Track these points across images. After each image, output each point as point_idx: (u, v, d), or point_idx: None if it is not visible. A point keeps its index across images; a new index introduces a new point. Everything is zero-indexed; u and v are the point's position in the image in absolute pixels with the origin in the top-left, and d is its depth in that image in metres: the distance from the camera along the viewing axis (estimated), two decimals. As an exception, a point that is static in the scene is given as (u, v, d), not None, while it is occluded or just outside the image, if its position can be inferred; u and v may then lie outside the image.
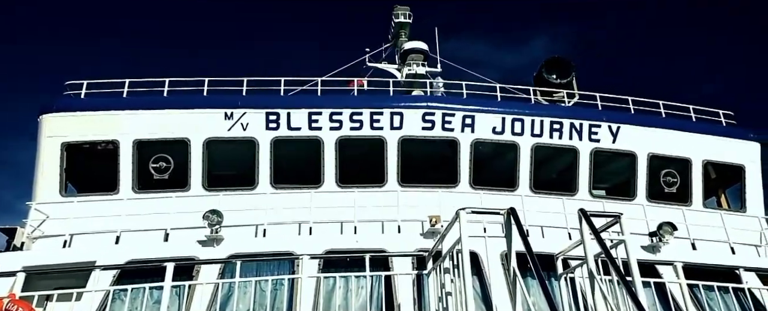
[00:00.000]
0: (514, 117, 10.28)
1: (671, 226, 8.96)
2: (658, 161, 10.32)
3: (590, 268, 4.77)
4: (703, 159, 10.43)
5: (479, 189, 9.86)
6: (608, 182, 10.81)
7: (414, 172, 9.86)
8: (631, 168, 10.34)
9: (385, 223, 9.18)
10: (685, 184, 10.39)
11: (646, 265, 8.46)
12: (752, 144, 10.68)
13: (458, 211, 4.97)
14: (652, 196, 10.24)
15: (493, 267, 7.42)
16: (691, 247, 9.52)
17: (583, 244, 4.97)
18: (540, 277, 4.23)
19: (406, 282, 7.21)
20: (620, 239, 4.96)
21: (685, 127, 10.69)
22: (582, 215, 5.01)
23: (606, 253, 4.58)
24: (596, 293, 4.62)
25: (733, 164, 10.65)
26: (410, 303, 6.70)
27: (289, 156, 9.80)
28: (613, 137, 10.35)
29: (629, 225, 9.39)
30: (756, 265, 8.60)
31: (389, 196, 9.37)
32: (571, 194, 10.18)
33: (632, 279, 4.72)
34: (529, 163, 10.18)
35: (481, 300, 7.98)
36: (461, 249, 4.75)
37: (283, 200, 9.13)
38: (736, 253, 9.54)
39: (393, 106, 10.06)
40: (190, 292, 7.12)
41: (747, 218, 10.31)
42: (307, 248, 7.72)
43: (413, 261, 7.85)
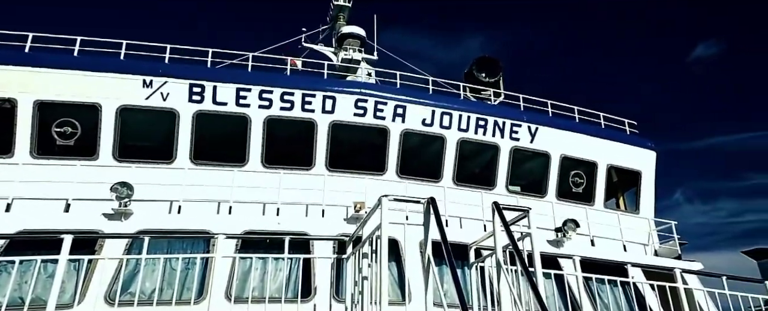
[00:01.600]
0: (443, 111, 10.57)
1: (575, 223, 9.74)
2: (568, 163, 11.10)
3: (498, 258, 5.04)
4: (607, 163, 11.37)
5: (405, 178, 10.06)
6: (524, 179, 11.47)
7: (343, 157, 9.83)
8: (544, 167, 11.04)
9: (309, 207, 9.10)
10: (590, 185, 11.27)
11: (550, 258, 9.14)
12: (650, 153, 11.82)
13: (381, 197, 5.02)
14: (560, 194, 11.02)
15: (411, 254, 7.63)
16: (590, 243, 10.39)
17: (494, 235, 5.23)
18: (451, 265, 4.40)
19: (325, 266, 7.21)
20: (527, 232, 5.28)
21: (595, 132, 11.59)
22: (495, 208, 5.26)
23: (513, 245, 4.86)
24: (502, 281, 4.89)
25: (633, 169, 11.72)
26: (327, 287, 6.71)
27: (212, 132, 9.36)
28: (532, 137, 10.98)
29: (538, 220, 10.21)
30: (642, 262, 9.58)
31: (316, 180, 9.28)
32: (490, 188, 10.69)
33: (534, 270, 5.04)
34: (454, 156, 10.54)
35: (397, 285, 8.19)
36: (380, 234, 4.81)
37: (203, 176, 8.72)
38: (627, 250, 10.57)
39: (326, 89, 9.93)
40: (91, 268, 6.62)
41: (639, 220, 11.42)
42: (224, 227, 7.45)
43: (334, 245, 7.86)
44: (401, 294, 7.95)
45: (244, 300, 5.58)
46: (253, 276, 6.63)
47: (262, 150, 9.35)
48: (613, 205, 12.49)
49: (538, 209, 10.49)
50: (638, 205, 11.73)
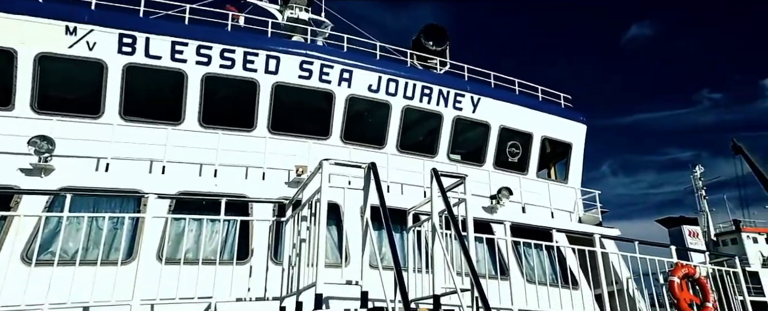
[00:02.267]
0: (390, 77, 10.55)
1: (508, 191, 10.24)
2: (506, 133, 11.54)
3: (433, 222, 5.22)
4: (542, 135, 11.92)
5: (349, 144, 10.06)
6: (464, 148, 11.81)
7: (286, 120, 9.63)
8: (484, 137, 11.41)
9: (249, 169, 8.91)
10: (525, 155, 11.81)
11: (483, 223, 9.60)
12: (581, 126, 12.51)
13: (322, 161, 5.00)
14: (498, 164, 11.48)
15: (352, 218, 7.74)
16: (521, 210, 11.00)
17: (431, 201, 5.40)
18: (388, 228, 4.51)
19: (263, 228, 7.16)
20: (462, 198, 5.49)
21: (533, 105, 12.06)
22: (433, 174, 5.41)
23: (448, 210, 5.05)
24: (436, 245, 5.09)
25: (564, 141, 12.37)
26: (264, 250, 6.69)
27: (144, 87, 8.81)
28: (474, 108, 11.26)
29: (475, 188, 10.67)
30: (566, 227, 10.30)
31: (257, 142, 9.06)
32: (432, 156, 10.93)
33: (467, 234, 5.28)
34: (399, 123, 10.63)
35: (337, 248, 8.33)
36: (320, 198, 4.82)
37: (134, 134, 8.26)
38: (554, 217, 11.29)
39: (270, 48, 9.57)
40: (5, 225, 6.17)
41: (567, 189, 12.18)
42: (157, 187, 7.15)
43: (274, 208, 7.81)
44: (340, 257, 8.09)
45: (177, 262, 5.45)
46: (188, 238, 6.47)
47: (199, 109, 8.95)
48: (545, 175, 13.21)
49: (476, 177, 11.00)
50: (567, 175, 12.46)
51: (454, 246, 5.77)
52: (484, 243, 8.17)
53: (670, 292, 7.89)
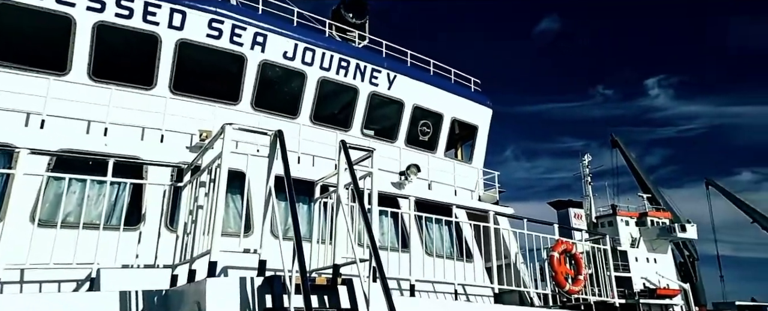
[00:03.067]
0: (306, 46, 10.26)
1: (417, 167, 10.60)
2: (419, 112, 11.85)
3: (338, 194, 5.25)
4: (452, 116, 12.41)
5: (260, 112, 9.70)
6: (378, 124, 11.96)
7: (190, 81, 9.01)
8: (398, 114, 11.62)
9: (146, 130, 8.26)
10: (435, 135, 12.24)
11: (391, 197, 9.88)
12: (487, 110, 13.20)
13: (224, 125, 4.77)
14: (409, 141, 11.78)
15: (258, 189, 7.55)
16: (427, 187, 11.45)
17: (337, 173, 5.41)
18: (291, 198, 4.44)
19: (158, 194, 6.72)
20: (369, 171, 5.57)
21: (445, 86, 12.47)
22: (342, 146, 5.41)
23: (353, 183, 5.09)
24: (339, 217, 5.13)
25: (472, 123, 13.00)
26: (157, 215, 6.31)
27: (20, 29, 7.72)
28: (390, 84, 11.39)
29: (387, 164, 10.91)
30: (466, 204, 10.93)
31: (156, 101, 8.40)
32: (346, 129, 10.93)
33: (371, 207, 5.39)
34: (314, 94, 10.43)
35: (241, 218, 8.11)
36: (220, 163, 4.61)
37: (7, 82, 7.24)
38: (457, 194, 11.92)
39: (175, 1, 8.81)
40: None
41: (471, 169, 12.87)
42: (33, 142, 6.38)
43: (172, 173, 7.35)
44: (244, 227, 7.89)
45: (54, 225, 4.95)
46: (70, 200, 5.90)
47: (89, 60, 8.04)
48: (452, 155, 13.84)
49: (388, 153, 11.21)
50: (472, 156, 13.15)
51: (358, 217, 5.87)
52: (389, 217, 8.43)
53: (550, 265, 8.76)
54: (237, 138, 6.97)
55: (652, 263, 63.67)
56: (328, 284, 4.53)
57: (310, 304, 3.61)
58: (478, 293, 9.74)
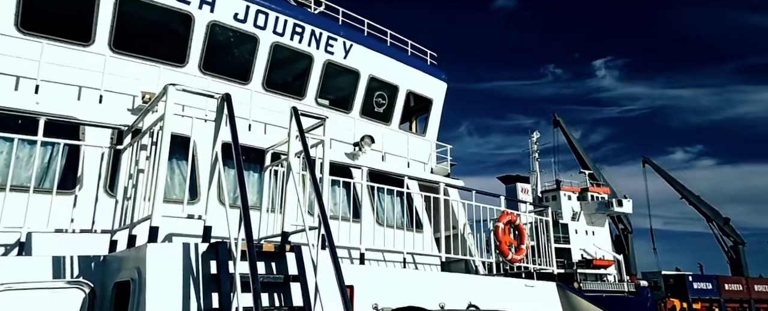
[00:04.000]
0: (258, 9, 9.85)
1: (371, 139, 10.59)
2: (375, 83, 11.76)
3: (288, 162, 5.18)
4: (407, 89, 12.41)
5: (209, 75, 9.30)
6: (333, 94, 11.78)
7: (133, 39, 8.46)
8: (353, 85, 11.48)
9: (83, 90, 7.74)
10: (391, 107, 12.22)
11: (344, 167, 9.87)
12: (442, 84, 13.28)
13: (167, 86, 4.54)
14: (364, 112, 11.71)
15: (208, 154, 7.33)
16: (381, 158, 11.51)
17: (288, 140, 5.31)
18: (238, 165, 4.34)
19: (96, 156, 6.37)
20: (321, 139, 5.50)
21: (402, 58, 12.40)
22: (293, 113, 5.30)
23: (305, 151, 5.02)
24: (289, 185, 5.08)
25: (427, 97, 13.07)
26: (95, 178, 5.99)
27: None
28: (346, 53, 11.19)
29: (342, 134, 10.83)
30: (418, 176, 11.09)
31: (94, 59, 7.85)
32: (300, 98, 10.70)
33: (322, 176, 5.36)
34: (266, 60, 10.10)
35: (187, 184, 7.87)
36: (163, 126, 4.41)
37: None
38: (410, 166, 12.06)
39: (114, -49, 8.15)
40: None
41: (424, 141, 13.01)
42: None
43: (112, 135, 6.97)
44: (190, 194, 7.68)
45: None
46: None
47: (16, 10, 7.35)
48: (406, 127, 13.93)
49: (342, 123, 11.12)
50: (426, 129, 13.28)
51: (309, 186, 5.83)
52: (342, 187, 8.43)
53: (495, 235, 9.13)
54: (183, 102, 6.68)
55: (590, 235, 67.86)
56: (275, 251, 4.51)
57: (256, 270, 3.59)
58: (427, 262, 10.04)
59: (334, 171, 8.60)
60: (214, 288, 3.90)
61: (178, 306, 3.67)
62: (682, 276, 60.71)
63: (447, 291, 7.48)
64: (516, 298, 8.37)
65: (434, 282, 7.44)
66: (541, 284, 8.86)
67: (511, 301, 8.15)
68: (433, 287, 7.39)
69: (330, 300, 4.05)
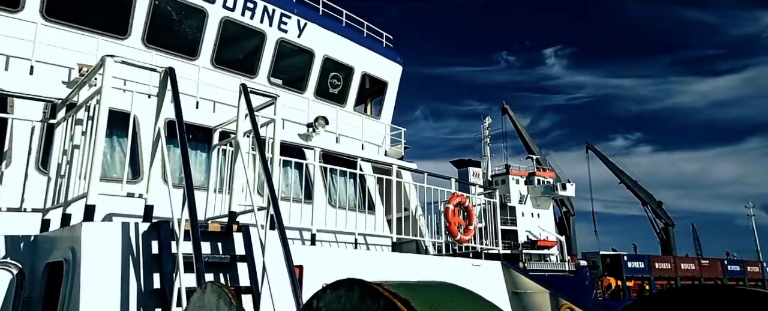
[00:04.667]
0: (208, -19, 9.42)
1: (325, 120, 10.48)
2: (330, 64, 11.59)
3: (237, 140, 5.04)
4: (362, 70, 12.32)
5: (153, 49, 8.84)
6: (286, 74, 11.52)
7: (67, 7, 7.88)
8: (307, 65, 11.27)
9: (12, 59, 7.16)
10: (346, 88, 12.12)
11: (297, 148, 9.74)
12: (397, 66, 13.28)
13: (104, 57, 4.28)
14: (318, 93, 11.55)
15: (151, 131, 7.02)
16: (335, 140, 11.44)
17: (237, 119, 5.17)
18: (182, 141, 4.18)
19: (25, 130, 5.95)
20: (271, 119, 5.39)
21: (358, 39, 12.28)
22: (242, 90, 5.14)
23: (254, 128, 4.90)
24: (237, 162, 4.96)
25: (382, 79, 13.04)
26: (25, 154, 5.61)
27: None
28: (300, 32, 10.93)
29: (295, 115, 10.66)
30: (372, 158, 11.13)
31: (25, 27, 7.27)
32: (252, 76, 10.40)
33: (273, 156, 5.26)
34: (216, 35, 9.71)
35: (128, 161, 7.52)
36: (100, 99, 4.16)
37: None
38: (364, 148, 12.07)
39: None
40: None
41: (379, 124, 13.04)
42: None
43: (45, 109, 6.52)
44: (132, 173, 7.36)
45: None
46: None
47: None
48: (361, 109, 13.88)
49: (296, 104, 10.93)
50: (381, 112, 13.29)
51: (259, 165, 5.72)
52: (294, 167, 8.34)
53: (445, 217, 9.36)
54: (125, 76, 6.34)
55: (535, 218, 70.97)
56: (222, 231, 4.42)
57: (199, 249, 3.50)
58: (378, 243, 10.17)
59: (286, 152, 8.49)
60: (155, 268, 3.78)
61: (115, 287, 3.53)
62: (618, 256, 64.83)
63: (396, 270, 7.63)
64: (463, 277, 8.67)
65: (384, 262, 7.55)
66: (487, 263, 9.20)
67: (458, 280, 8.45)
68: (383, 267, 7.51)
69: (278, 280, 4.03)
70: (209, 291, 2.13)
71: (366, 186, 10.34)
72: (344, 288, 1.23)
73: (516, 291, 9.11)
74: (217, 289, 2.08)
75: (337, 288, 1.28)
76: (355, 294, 1.16)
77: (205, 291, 2.18)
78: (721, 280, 69.78)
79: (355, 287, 1.17)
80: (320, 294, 1.39)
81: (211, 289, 2.14)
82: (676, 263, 68.65)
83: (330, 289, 1.32)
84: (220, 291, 2.03)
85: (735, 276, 71.94)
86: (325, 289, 1.37)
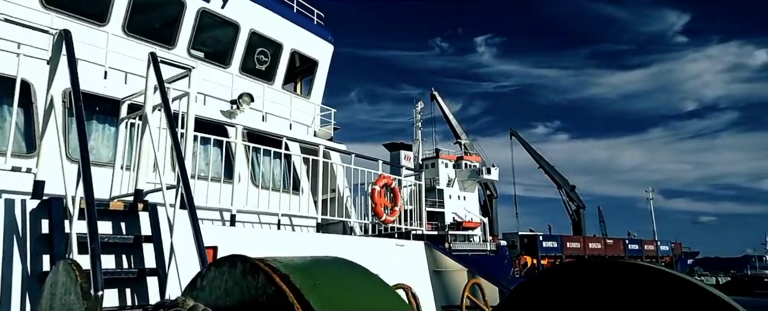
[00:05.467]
0: (118, -59, 8.58)
1: (250, 97, 10.07)
2: (257, 39, 11.10)
3: (145, 113, 4.68)
4: (292, 48, 11.94)
5: (53, 11, 7.95)
6: (209, 47, 10.89)
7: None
8: (232, 38, 10.71)
9: None
10: (274, 65, 11.69)
11: (220, 126, 9.29)
12: (329, 45, 13.01)
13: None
14: (244, 69, 11.04)
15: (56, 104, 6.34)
16: (261, 118, 11.05)
17: (145, 90, 4.79)
18: (78, 112, 3.80)
19: None
20: (185, 92, 5.06)
21: (287, 15, 11.85)
22: (151, 59, 4.76)
23: (163, 102, 4.57)
24: (145, 137, 4.61)
25: (313, 58, 12.72)
26: None
27: None
28: (223, 3, 10.34)
29: (218, 91, 10.13)
30: (298, 137, 10.90)
31: None
32: (169, 47, 9.71)
33: (186, 132, 4.95)
34: (127, 1, 8.93)
35: (22, 135, 6.78)
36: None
37: None
38: (292, 128, 11.79)
39: None
40: None
41: (308, 104, 12.77)
42: None
43: None
44: (27, 146, 6.67)
45: None
46: None
47: None
48: (291, 88, 13.50)
49: (219, 79, 10.38)
50: (311, 91, 13.01)
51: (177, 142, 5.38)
52: (212, 144, 7.95)
53: (371, 198, 9.43)
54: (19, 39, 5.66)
55: (462, 200, 73.99)
56: (126, 209, 4.11)
57: (95, 228, 3.22)
58: (304, 224, 10.05)
59: (208, 129, 8.07)
60: (45, 249, 3.44)
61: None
62: (534, 236, 69.55)
63: (319, 251, 7.59)
64: (387, 256, 8.82)
65: (306, 243, 7.48)
66: (411, 243, 9.44)
67: (382, 259, 8.58)
68: (305, 247, 7.45)
69: (188, 261, 3.83)
70: (61, 269, 1.98)
71: (292, 166, 10.13)
72: (227, 265, 1.16)
73: (437, 270, 9.45)
74: (67, 266, 1.93)
75: (220, 265, 1.20)
76: (237, 270, 1.09)
77: (59, 269, 2.02)
78: (622, 257, 77.25)
79: (237, 263, 1.11)
80: (204, 272, 1.31)
81: (62, 266, 1.99)
82: (585, 242, 75.01)
83: (214, 266, 1.25)
84: (69, 268, 1.89)
85: (634, 254, 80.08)
86: (209, 266, 1.29)
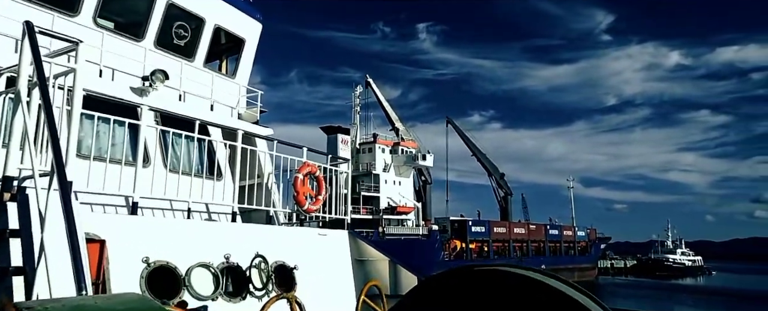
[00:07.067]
0: None
1: (164, 74, 9.28)
2: (176, 11, 10.27)
3: (19, 90, 4.10)
4: (215, 24, 11.17)
5: None
6: (120, 16, 9.94)
7: None
8: (147, 9, 9.84)
9: None
10: (194, 41, 10.89)
11: (131, 106, 8.52)
12: (257, 24, 12.31)
13: None
14: (160, 43, 10.20)
15: None
16: (179, 98, 10.31)
17: (19, 63, 4.19)
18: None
19: None
20: (72, 68, 4.49)
21: (210, -12, 11.07)
22: (26, 28, 4.16)
23: (39, 77, 4.02)
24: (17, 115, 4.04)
25: (239, 36, 12.01)
26: None
27: None
28: (137, -32, 9.45)
29: (129, 65, 9.27)
30: (220, 122, 10.28)
31: None
32: (71, 14, 8.74)
33: (72, 110, 4.42)
34: None
35: None
36: None
37: None
38: (214, 110, 11.12)
39: None
40: None
41: (233, 84, 12.09)
42: None
43: None
44: None
45: None
46: None
47: None
48: (215, 67, 12.73)
49: (131, 53, 9.51)
50: (236, 70, 12.31)
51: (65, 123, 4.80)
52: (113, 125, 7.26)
53: (293, 186, 9.13)
54: None
55: (397, 185, 75.03)
56: (-14, 201, 3.58)
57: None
58: (222, 212, 9.57)
59: (119, 110, 7.35)
60: None
61: None
62: (464, 221, 72.17)
63: (235, 241, 7.24)
64: (309, 246, 8.62)
65: (220, 233, 7.10)
66: (334, 232, 9.29)
67: (303, 249, 8.35)
68: (219, 237, 7.06)
69: (61, 258, 3.40)
70: None
71: (211, 150, 9.56)
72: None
73: (360, 259, 9.39)
74: None
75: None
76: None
77: None
78: (543, 242, 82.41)
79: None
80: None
81: None
82: (511, 227, 79.02)
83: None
84: None
85: (554, 238, 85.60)
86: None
